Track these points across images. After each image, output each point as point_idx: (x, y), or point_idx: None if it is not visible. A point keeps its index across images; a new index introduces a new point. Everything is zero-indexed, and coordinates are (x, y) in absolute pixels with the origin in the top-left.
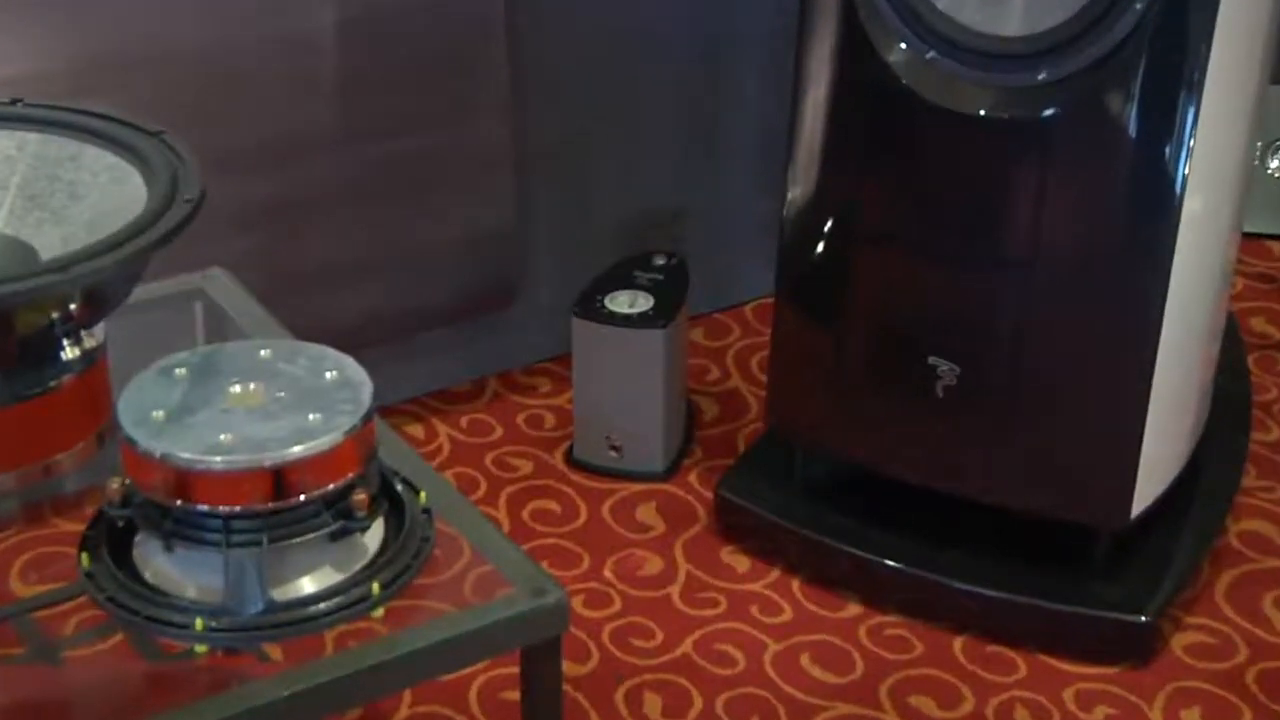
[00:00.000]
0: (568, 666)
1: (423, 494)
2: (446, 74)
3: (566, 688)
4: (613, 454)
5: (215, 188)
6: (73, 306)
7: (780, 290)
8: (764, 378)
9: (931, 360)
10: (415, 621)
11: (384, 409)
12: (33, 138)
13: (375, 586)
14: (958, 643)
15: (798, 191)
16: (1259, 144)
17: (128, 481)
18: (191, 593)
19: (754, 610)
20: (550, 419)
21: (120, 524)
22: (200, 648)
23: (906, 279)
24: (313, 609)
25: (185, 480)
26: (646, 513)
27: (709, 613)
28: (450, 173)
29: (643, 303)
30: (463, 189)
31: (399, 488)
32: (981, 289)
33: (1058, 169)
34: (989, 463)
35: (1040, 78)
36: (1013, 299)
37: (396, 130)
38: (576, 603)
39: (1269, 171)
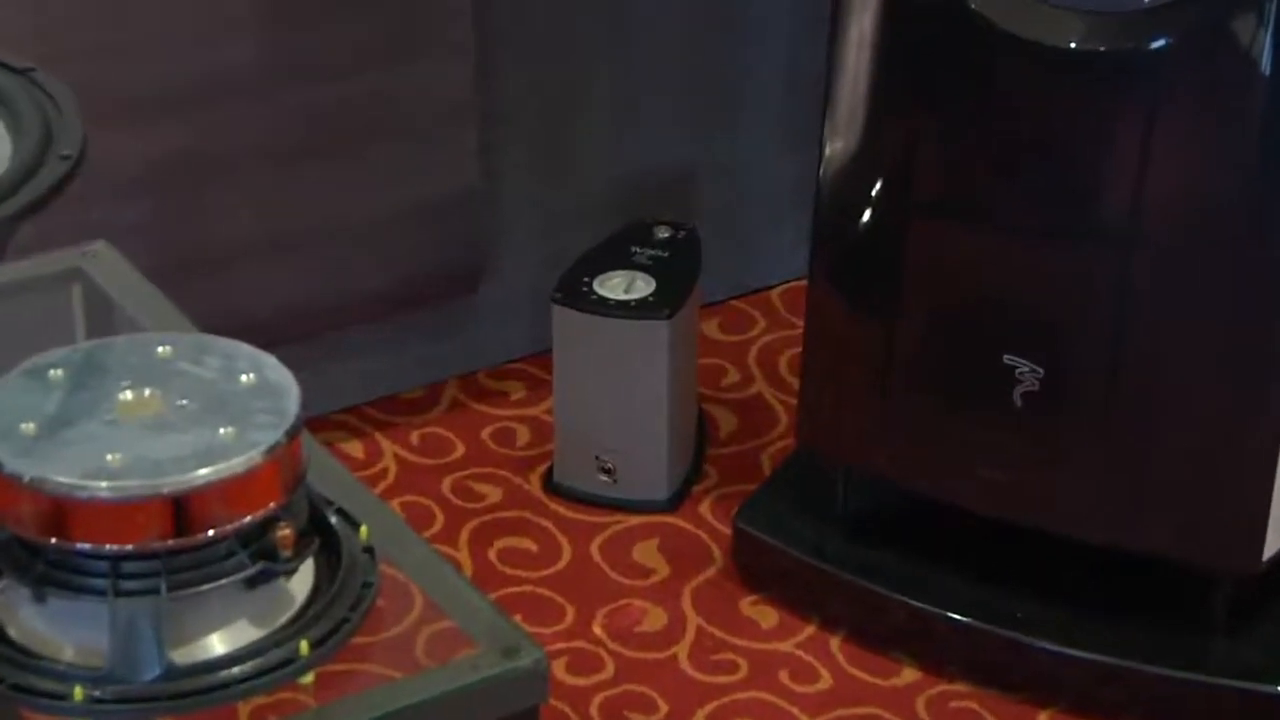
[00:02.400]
0: None
1: (363, 529)
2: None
3: None
4: (604, 478)
5: (100, 140)
6: None
7: (815, 271)
8: (795, 382)
9: (1008, 359)
10: (354, 690)
11: (314, 421)
12: None
13: (304, 646)
14: (1042, 718)
15: (838, 147)
16: None
17: None
18: (69, 654)
19: (783, 676)
20: (524, 434)
21: None
22: None
23: (976, 257)
24: (224, 674)
25: (62, 511)
26: (646, 552)
27: (726, 679)
28: (398, 123)
29: (642, 286)
30: (414, 144)
31: (333, 521)
32: (1071, 269)
33: (1169, 115)
34: (1081, 489)
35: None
36: (1111, 281)
37: (331, 70)
38: (558, 666)
39: None
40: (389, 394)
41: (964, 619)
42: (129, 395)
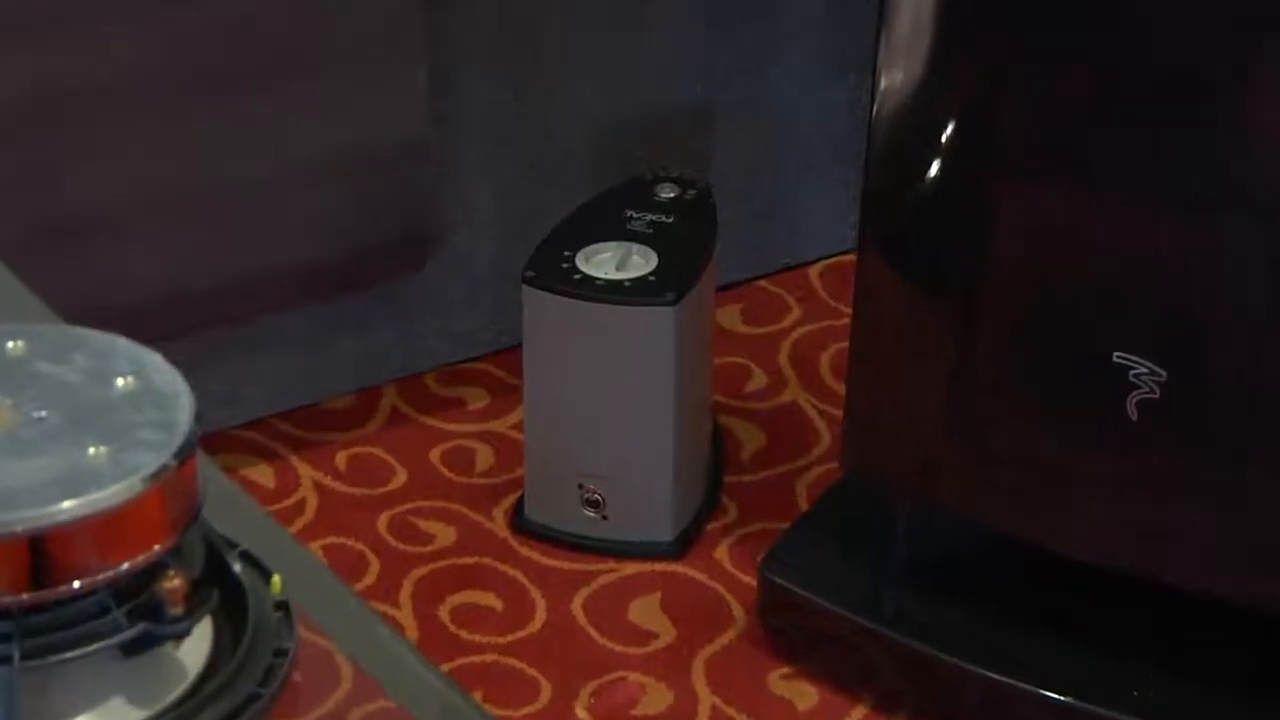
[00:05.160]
0: None
1: (276, 579)
2: None
3: None
4: (590, 513)
5: None
6: None
7: (867, 243)
8: (839, 387)
9: (1119, 359)
10: None
11: (212, 438)
12: None
13: None
14: None
15: (896, 80)
16: None
17: None
18: None
19: None
20: (486, 455)
21: None
22: None
23: (1077, 226)
24: None
25: None
26: (646, 610)
27: None
28: (322, 50)
29: (640, 262)
30: (343, 77)
31: (237, 569)
32: (1202, 243)
33: None
34: (1213, 530)
35: None
36: (1254, 258)
37: None
38: None
39: None
40: (309, 403)
41: (1061, 697)
42: None
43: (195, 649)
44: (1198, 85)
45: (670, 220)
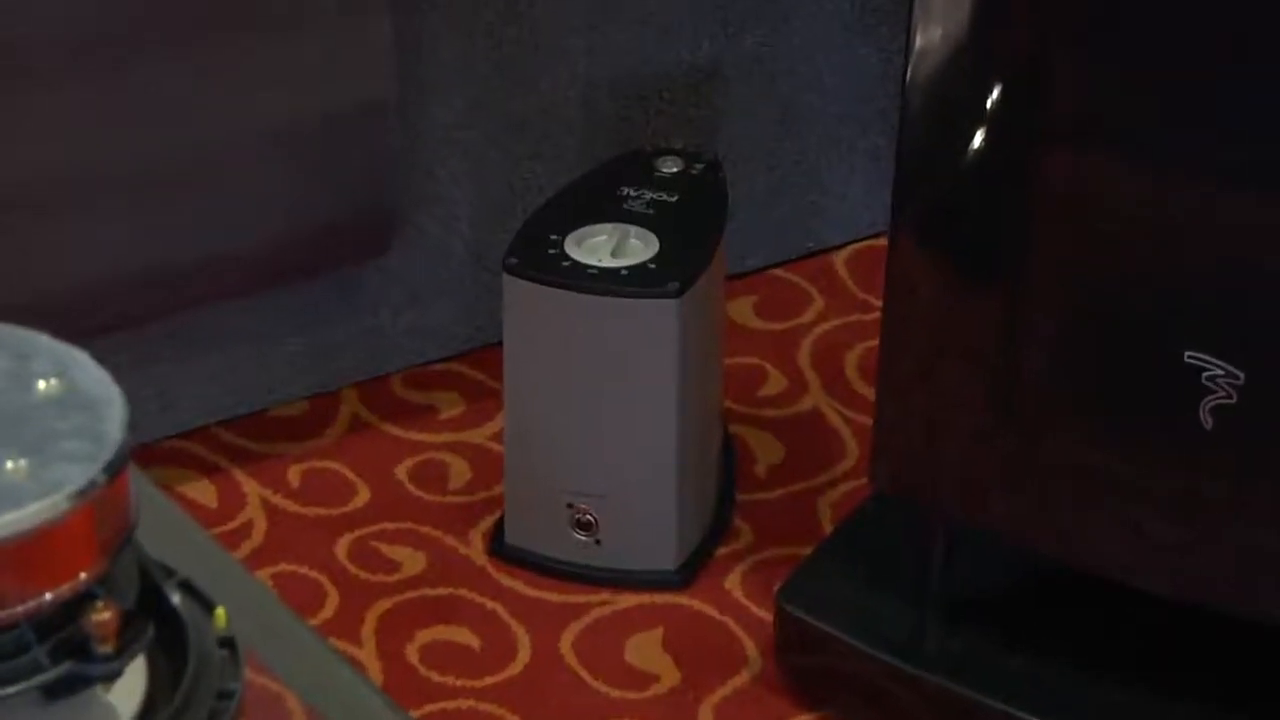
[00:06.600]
0: None
1: (220, 612)
2: None
3: None
4: (581, 536)
5: None
6: None
7: (900, 225)
8: (868, 392)
9: (1192, 359)
10: None
11: (146, 450)
12: None
13: None
14: None
15: (934, 36)
16: None
17: None
18: None
19: None
20: (461, 470)
21: None
22: None
23: (1144, 210)
24: None
25: None
26: (644, 649)
27: None
28: (272, 4)
29: (638, 247)
30: (296, 34)
31: (175, 600)
32: None
33: None
34: None
35: None
36: None
37: None
38: None
39: None
40: (256, 409)
41: None
42: None
43: (128, 691)
44: (1272, 48)
45: (673, 199)
